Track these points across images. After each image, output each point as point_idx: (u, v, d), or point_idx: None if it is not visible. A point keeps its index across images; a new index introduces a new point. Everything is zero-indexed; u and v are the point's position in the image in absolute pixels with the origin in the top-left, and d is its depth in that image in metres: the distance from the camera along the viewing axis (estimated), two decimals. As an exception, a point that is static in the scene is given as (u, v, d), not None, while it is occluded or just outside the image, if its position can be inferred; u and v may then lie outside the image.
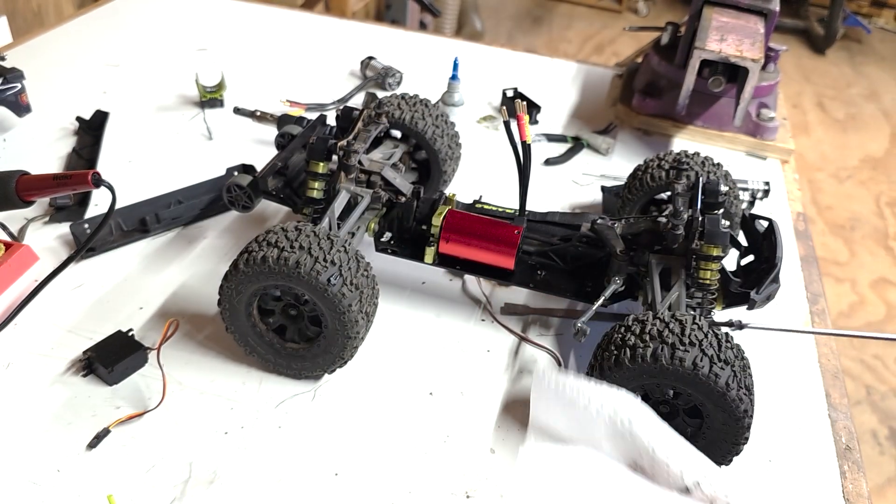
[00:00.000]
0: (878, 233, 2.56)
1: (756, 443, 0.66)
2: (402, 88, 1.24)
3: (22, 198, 0.75)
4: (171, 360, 0.72)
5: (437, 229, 0.75)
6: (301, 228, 0.65)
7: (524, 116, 0.68)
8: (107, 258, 0.84)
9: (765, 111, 1.12)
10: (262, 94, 1.18)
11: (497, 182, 1.02)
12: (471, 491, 0.62)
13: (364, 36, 1.43)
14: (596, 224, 0.74)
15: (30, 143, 1.04)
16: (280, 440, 0.65)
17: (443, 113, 0.88)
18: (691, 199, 0.73)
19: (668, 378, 0.58)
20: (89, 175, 0.72)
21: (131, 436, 0.65)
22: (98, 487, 0.60)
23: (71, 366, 0.70)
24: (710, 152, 0.85)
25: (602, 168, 1.07)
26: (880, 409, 1.92)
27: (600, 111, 1.23)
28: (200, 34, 1.39)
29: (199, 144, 1.07)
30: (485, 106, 1.21)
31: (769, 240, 0.71)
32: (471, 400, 0.71)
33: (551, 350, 0.76)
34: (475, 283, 0.84)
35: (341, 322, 0.64)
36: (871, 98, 3.41)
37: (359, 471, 0.63)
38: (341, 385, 0.71)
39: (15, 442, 0.64)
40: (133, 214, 0.88)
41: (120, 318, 0.76)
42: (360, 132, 0.81)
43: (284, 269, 0.62)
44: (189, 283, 0.81)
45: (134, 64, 1.27)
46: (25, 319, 0.75)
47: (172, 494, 0.60)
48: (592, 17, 3.91)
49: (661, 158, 0.83)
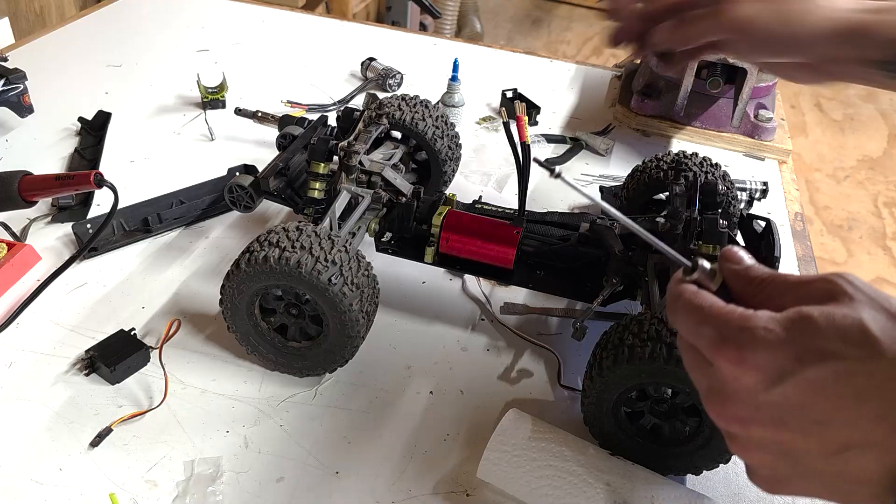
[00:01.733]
0: (875, 233, 2.57)
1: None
2: (402, 89, 1.25)
3: (24, 198, 0.76)
4: (172, 359, 0.72)
5: (437, 229, 0.75)
6: (302, 228, 0.65)
7: (524, 117, 0.69)
8: (109, 258, 0.85)
9: (763, 112, 1.13)
10: (264, 95, 1.19)
11: (497, 182, 1.03)
12: (471, 490, 0.63)
13: (364, 37, 1.43)
14: (595, 224, 0.74)
15: (32, 143, 1.04)
16: (281, 439, 0.66)
17: (443, 114, 0.89)
18: (689, 199, 0.74)
19: (667, 377, 0.58)
20: (92, 175, 0.73)
21: (133, 434, 0.65)
22: (100, 486, 0.61)
23: (73, 365, 0.71)
24: (709, 153, 0.86)
25: (601, 168, 1.08)
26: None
27: (599, 112, 1.23)
28: (202, 35, 1.40)
29: (200, 145, 1.07)
30: (484, 107, 1.22)
31: (767, 240, 0.72)
32: (471, 399, 0.71)
33: (551, 349, 0.76)
34: (475, 282, 0.85)
35: (342, 321, 0.65)
36: (868, 98, 3.42)
37: (359, 470, 0.64)
38: (342, 384, 0.71)
39: (17, 440, 0.64)
40: (135, 214, 0.88)
41: (122, 317, 0.77)
42: (360, 133, 0.81)
43: (286, 269, 0.63)
44: (191, 282, 0.82)
45: (136, 65, 1.28)
46: (28, 319, 0.76)
47: (174, 493, 0.61)
48: (591, 18, 3.92)
49: (659, 159, 0.84)
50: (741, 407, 0.38)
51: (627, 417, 0.63)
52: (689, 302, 0.40)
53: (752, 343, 0.37)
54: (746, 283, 0.41)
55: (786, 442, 0.37)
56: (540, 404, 0.71)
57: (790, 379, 0.36)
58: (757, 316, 0.37)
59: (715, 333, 0.38)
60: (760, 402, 0.37)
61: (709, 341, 0.38)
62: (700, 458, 0.62)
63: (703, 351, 0.39)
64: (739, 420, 0.38)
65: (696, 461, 0.63)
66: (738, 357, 0.37)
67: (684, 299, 0.40)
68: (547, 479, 0.59)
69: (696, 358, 0.41)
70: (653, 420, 0.63)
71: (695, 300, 0.40)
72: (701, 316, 0.39)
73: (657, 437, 0.63)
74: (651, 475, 0.60)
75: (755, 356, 0.36)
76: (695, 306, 0.40)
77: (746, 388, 0.37)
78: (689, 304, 0.40)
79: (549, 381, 0.73)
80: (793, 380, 0.36)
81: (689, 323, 0.40)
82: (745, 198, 0.99)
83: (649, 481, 0.60)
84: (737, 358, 0.37)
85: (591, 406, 0.63)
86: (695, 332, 0.40)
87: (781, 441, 0.38)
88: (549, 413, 0.70)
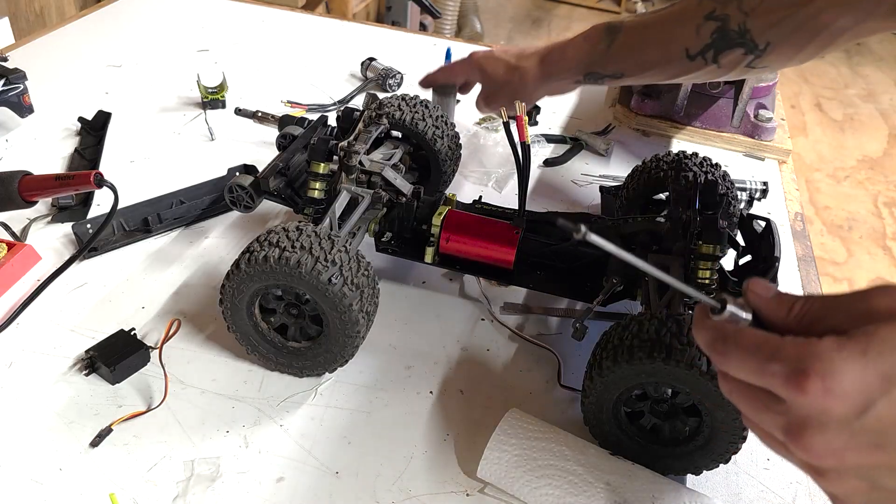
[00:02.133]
0: (875, 233, 2.57)
1: (754, 442, 0.66)
2: (402, 89, 1.25)
3: (24, 198, 0.76)
4: (172, 359, 0.72)
5: (437, 229, 0.75)
6: (302, 228, 0.65)
7: (524, 117, 0.69)
8: (109, 258, 0.85)
9: (763, 112, 1.13)
10: (264, 95, 1.19)
11: (497, 182, 1.03)
12: (471, 490, 0.63)
13: (365, 37, 1.43)
14: (595, 224, 0.74)
15: (32, 143, 1.04)
16: (281, 439, 0.66)
17: (443, 114, 0.89)
18: (689, 199, 0.74)
19: (667, 377, 0.58)
20: (92, 175, 0.73)
21: (133, 434, 0.65)
22: (100, 486, 0.61)
23: (73, 365, 0.71)
24: (709, 153, 0.86)
25: (601, 168, 1.08)
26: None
27: (599, 112, 1.23)
28: (202, 35, 1.40)
29: (200, 145, 1.07)
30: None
31: (767, 240, 0.72)
32: (471, 399, 0.71)
33: (551, 349, 0.76)
34: (475, 282, 0.85)
35: (342, 321, 0.65)
36: (868, 98, 3.42)
37: (359, 470, 0.64)
38: (342, 384, 0.71)
39: (17, 440, 0.64)
40: (135, 214, 0.88)
41: (122, 317, 0.77)
42: (360, 133, 0.81)
43: (286, 269, 0.63)
44: (191, 282, 0.82)
45: (136, 65, 1.28)
46: (28, 319, 0.76)
47: (174, 493, 0.61)
48: (592, 18, 3.92)
49: (659, 159, 0.84)
50: (834, 438, 0.36)
51: (627, 417, 0.63)
52: (743, 341, 0.38)
53: (832, 371, 0.35)
54: (780, 312, 0.40)
55: (885, 463, 0.36)
56: (540, 404, 0.71)
57: (883, 399, 0.35)
58: (828, 342, 0.36)
59: (787, 369, 0.36)
60: (854, 429, 0.36)
61: (783, 378, 0.36)
62: (700, 458, 0.62)
63: (773, 389, 0.37)
64: (834, 452, 0.37)
65: (696, 461, 0.63)
66: (823, 388, 0.35)
67: (734, 339, 0.38)
68: (547, 479, 0.59)
69: (759, 398, 0.39)
70: (653, 420, 0.63)
71: (750, 338, 0.38)
72: (764, 353, 0.37)
73: (657, 437, 0.63)
74: (651, 475, 0.60)
75: (841, 384, 0.35)
76: (752, 344, 0.38)
77: (837, 418, 0.36)
78: (744, 343, 0.38)
79: (549, 381, 0.73)
80: (885, 399, 0.35)
81: (750, 362, 0.38)
82: (745, 198, 0.99)
83: (649, 481, 0.60)
84: (822, 389, 0.35)
85: (591, 406, 0.63)
86: (759, 371, 0.38)
87: (880, 464, 0.37)
88: (549, 413, 0.70)
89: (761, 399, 0.39)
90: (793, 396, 0.37)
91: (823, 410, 0.36)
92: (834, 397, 0.35)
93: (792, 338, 0.37)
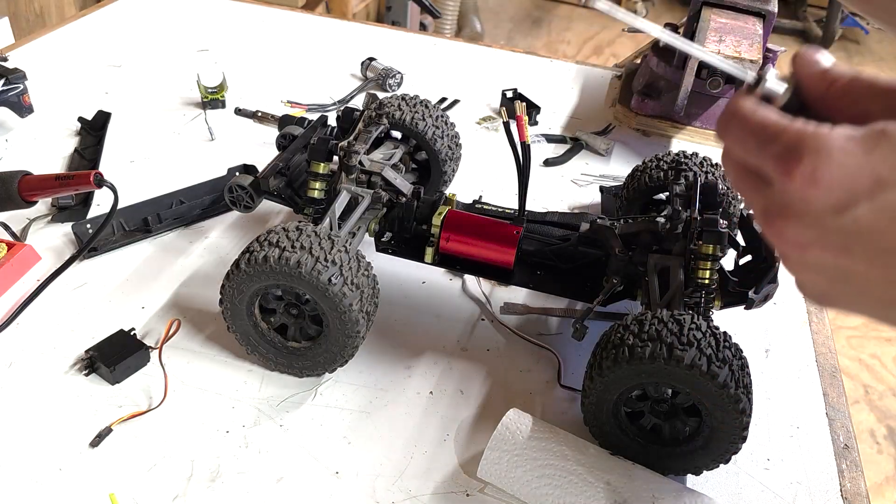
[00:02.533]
0: (876, 233, 2.57)
1: (754, 442, 0.66)
2: (402, 89, 1.25)
3: (24, 198, 0.76)
4: (172, 359, 0.72)
5: (437, 229, 0.75)
6: (302, 228, 0.65)
7: (523, 117, 0.69)
8: (109, 258, 0.85)
9: (763, 112, 1.13)
10: (264, 95, 1.19)
11: (497, 182, 1.03)
12: (471, 490, 0.63)
13: (364, 37, 1.43)
14: (595, 224, 0.74)
15: (32, 143, 1.04)
16: (281, 439, 0.66)
17: (443, 114, 0.89)
18: (689, 199, 0.74)
19: (667, 377, 0.58)
20: (91, 175, 0.73)
21: (133, 434, 0.65)
22: (100, 486, 0.61)
23: (73, 365, 0.71)
24: (709, 153, 0.86)
25: (601, 168, 1.08)
26: (878, 408, 1.93)
27: (599, 112, 1.23)
28: (202, 35, 1.40)
29: (200, 145, 1.07)
30: (484, 107, 1.22)
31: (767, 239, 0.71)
32: (471, 400, 0.71)
33: (551, 349, 0.76)
34: (475, 282, 0.85)
35: (342, 321, 0.65)
36: (869, 99, 3.41)
37: (359, 470, 0.64)
38: (342, 384, 0.71)
39: (17, 440, 0.64)
40: (135, 214, 0.88)
41: (122, 317, 0.77)
42: (360, 133, 0.81)
43: (286, 269, 0.63)
44: (191, 282, 0.82)
45: (136, 65, 1.28)
46: (27, 319, 0.76)
47: (174, 493, 0.61)
48: (591, 18, 3.92)
49: (659, 159, 0.84)
50: (804, 230, 0.35)
51: (627, 417, 0.63)
52: (749, 116, 0.36)
53: (826, 161, 0.33)
54: (825, 88, 0.37)
55: (846, 267, 0.35)
56: (540, 404, 0.71)
57: (865, 203, 0.33)
58: (834, 132, 0.33)
59: (782, 150, 0.35)
60: (828, 226, 0.34)
61: (775, 158, 0.35)
62: (700, 458, 0.62)
63: (764, 169, 0.36)
64: (800, 245, 0.36)
65: (696, 461, 0.63)
66: (811, 175, 0.33)
67: (742, 114, 0.37)
68: (547, 479, 0.59)
69: (749, 177, 0.37)
70: (653, 420, 0.63)
71: (757, 114, 0.36)
72: (765, 132, 0.36)
73: (657, 437, 0.63)
74: (651, 475, 0.60)
75: (829, 175, 0.33)
76: (756, 121, 0.36)
77: (815, 210, 0.34)
78: (749, 119, 0.36)
79: (549, 381, 0.73)
80: (868, 204, 0.33)
81: (748, 138, 0.36)
82: (746, 198, 0.99)
83: (649, 481, 0.60)
84: (809, 176, 0.33)
85: (591, 406, 0.63)
86: (755, 149, 0.36)
87: (841, 266, 0.35)
88: (549, 413, 0.70)
89: (750, 179, 0.38)
90: (779, 180, 0.35)
91: (803, 199, 0.34)
92: (817, 188, 0.34)
93: (802, 121, 0.35)
